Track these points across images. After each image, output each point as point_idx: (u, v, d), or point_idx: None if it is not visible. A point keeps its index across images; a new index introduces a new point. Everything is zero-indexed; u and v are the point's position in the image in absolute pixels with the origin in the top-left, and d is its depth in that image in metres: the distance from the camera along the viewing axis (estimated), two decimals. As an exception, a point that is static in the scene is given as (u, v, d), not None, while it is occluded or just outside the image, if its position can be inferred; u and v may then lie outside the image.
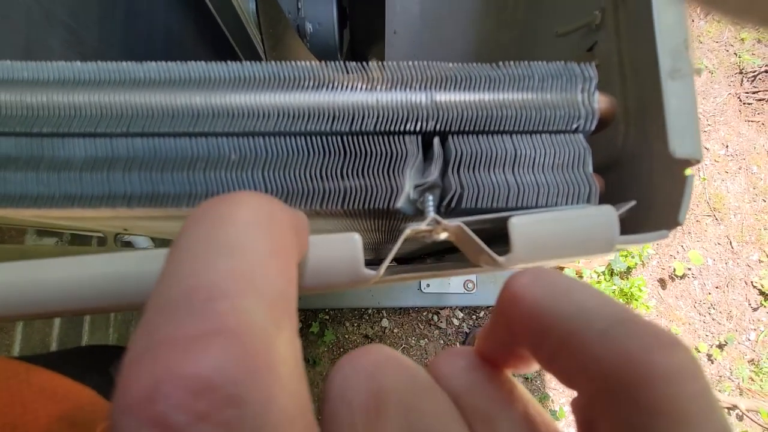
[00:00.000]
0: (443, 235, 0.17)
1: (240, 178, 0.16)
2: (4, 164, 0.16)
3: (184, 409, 0.06)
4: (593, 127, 0.17)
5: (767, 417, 1.19)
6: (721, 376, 1.36)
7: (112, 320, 1.18)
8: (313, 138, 0.17)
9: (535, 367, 0.12)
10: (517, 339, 0.11)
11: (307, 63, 0.17)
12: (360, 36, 0.68)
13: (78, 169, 0.16)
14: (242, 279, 0.08)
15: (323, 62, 0.17)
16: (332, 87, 0.17)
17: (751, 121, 1.52)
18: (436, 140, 0.17)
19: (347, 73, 0.17)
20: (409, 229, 0.15)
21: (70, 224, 0.32)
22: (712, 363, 1.37)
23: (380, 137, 0.17)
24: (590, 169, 0.16)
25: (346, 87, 0.17)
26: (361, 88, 0.17)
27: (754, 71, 1.52)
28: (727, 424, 0.08)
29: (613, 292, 1.33)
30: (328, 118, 0.17)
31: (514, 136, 0.17)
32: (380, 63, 0.17)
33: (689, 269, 1.41)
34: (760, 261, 1.43)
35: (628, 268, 1.36)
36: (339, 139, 0.17)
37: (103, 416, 0.37)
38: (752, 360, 1.36)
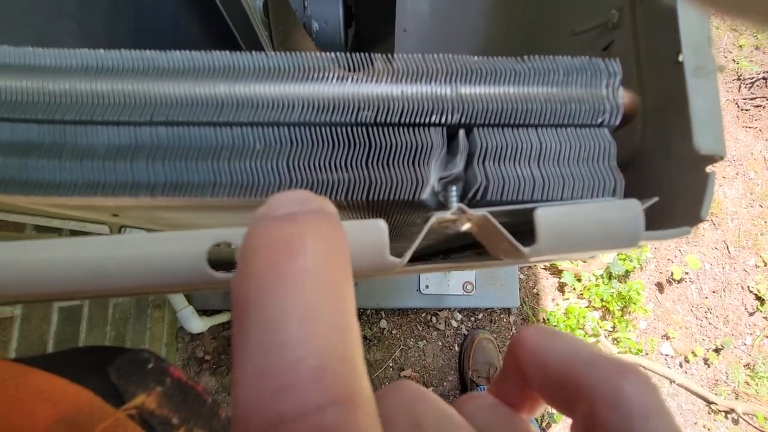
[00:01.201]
0: (466, 226, 0.17)
1: (265, 167, 0.16)
2: (27, 151, 0.16)
3: None
4: (618, 122, 0.17)
5: (764, 420, 1.20)
6: (717, 381, 1.37)
7: (110, 318, 1.17)
8: (339, 129, 0.17)
9: (542, 408, 0.15)
10: (525, 378, 0.14)
11: (332, 54, 0.17)
12: (365, 35, 0.68)
13: (101, 157, 0.16)
14: (331, 344, 0.09)
15: (349, 53, 0.17)
16: (357, 78, 0.17)
17: (749, 128, 1.53)
18: (462, 132, 0.17)
19: (372, 64, 0.17)
20: (435, 218, 0.15)
21: (80, 215, 0.31)
22: (709, 367, 1.38)
23: (406, 129, 0.17)
24: (615, 162, 0.16)
25: (371, 79, 0.17)
26: (386, 80, 0.17)
27: (752, 78, 1.54)
28: (674, 418, 0.12)
29: (612, 296, 1.34)
30: (353, 109, 0.16)
31: (539, 129, 0.17)
32: (406, 55, 0.17)
33: (687, 273, 1.42)
34: (757, 266, 1.43)
35: (626, 271, 1.36)
36: (364, 129, 0.16)
37: (100, 418, 0.36)
38: (748, 364, 1.37)
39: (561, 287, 1.38)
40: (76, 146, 0.16)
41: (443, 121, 0.17)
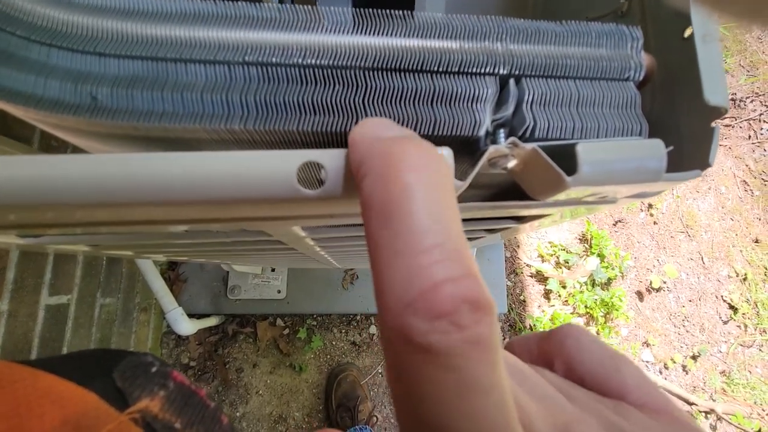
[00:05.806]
0: (512, 163, 0.19)
1: (344, 102, 0.18)
2: (132, 83, 0.18)
3: (477, 315, 0.10)
4: (641, 78, 0.20)
5: (743, 419, 1.24)
6: (695, 387, 1.41)
7: (96, 319, 1.15)
8: (406, 74, 0.19)
9: None
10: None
11: (401, 12, 0.20)
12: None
13: (200, 90, 0.18)
14: (458, 233, 0.11)
15: (416, 12, 0.19)
16: (423, 34, 0.19)
17: (719, 145, 1.62)
18: (512, 81, 0.20)
19: (435, 23, 0.20)
20: (492, 148, 0.18)
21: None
22: (687, 373, 1.42)
23: (464, 76, 0.19)
24: (640, 110, 0.19)
25: (435, 35, 0.19)
26: (447, 36, 0.19)
27: (722, 100, 1.64)
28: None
29: (595, 302, 1.38)
30: (419, 59, 0.19)
31: (577, 81, 0.20)
32: (463, 16, 0.20)
33: (665, 282, 1.47)
34: (729, 276, 1.50)
35: (609, 279, 1.41)
36: (429, 76, 0.19)
37: (105, 421, 0.37)
38: (724, 371, 1.42)
39: (547, 294, 1.42)
40: (177, 81, 0.18)
41: (496, 71, 0.19)
